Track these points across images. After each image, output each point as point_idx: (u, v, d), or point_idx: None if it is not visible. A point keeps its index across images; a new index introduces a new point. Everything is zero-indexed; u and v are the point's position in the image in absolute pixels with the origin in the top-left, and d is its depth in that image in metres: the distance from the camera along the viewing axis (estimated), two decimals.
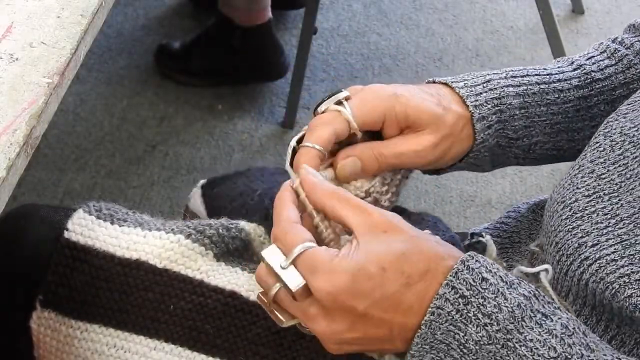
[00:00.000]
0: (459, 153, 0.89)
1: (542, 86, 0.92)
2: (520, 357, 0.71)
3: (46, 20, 0.90)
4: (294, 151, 0.83)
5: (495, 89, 0.90)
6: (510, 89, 0.91)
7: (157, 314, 0.86)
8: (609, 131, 0.85)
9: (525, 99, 0.91)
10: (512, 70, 0.93)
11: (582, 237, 0.79)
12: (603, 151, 0.83)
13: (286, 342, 0.85)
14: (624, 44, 0.97)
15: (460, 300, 0.72)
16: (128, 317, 0.87)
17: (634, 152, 0.81)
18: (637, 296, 0.74)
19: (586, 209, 0.80)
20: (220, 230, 0.90)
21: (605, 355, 0.72)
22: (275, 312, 0.76)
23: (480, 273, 0.73)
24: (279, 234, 0.76)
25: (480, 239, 0.93)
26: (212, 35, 2.37)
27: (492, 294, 0.72)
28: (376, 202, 0.86)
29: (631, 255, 0.76)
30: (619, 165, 0.82)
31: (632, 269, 0.75)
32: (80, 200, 0.94)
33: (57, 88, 0.84)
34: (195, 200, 1.07)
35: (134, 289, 0.87)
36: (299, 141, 0.84)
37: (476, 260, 0.73)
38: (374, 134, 0.87)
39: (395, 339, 0.74)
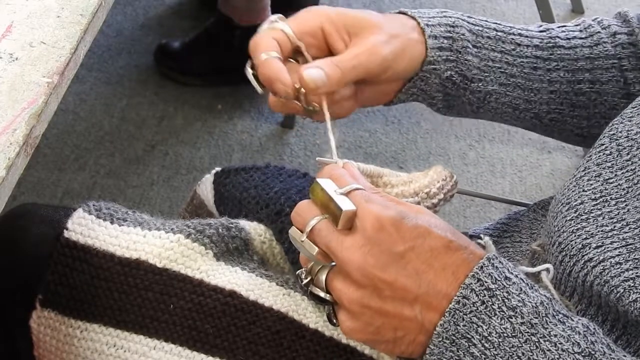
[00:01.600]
0: (414, 58, 0.89)
1: (499, 33, 0.94)
2: (544, 352, 0.71)
3: (46, 20, 0.90)
4: (255, 77, 0.85)
5: (450, 17, 0.92)
6: (465, 23, 0.92)
7: (157, 313, 0.86)
8: (614, 134, 0.85)
9: (479, 39, 0.92)
10: (471, 16, 0.95)
11: (586, 238, 0.79)
12: (610, 155, 0.83)
13: (286, 342, 0.85)
14: (601, 24, 0.99)
15: (485, 292, 0.72)
16: (128, 317, 0.87)
17: None
18: None
19: (592, 212, 0.80)
20: (220, 230, 0.90)
21: (625, 356, 0.72)
22: (308, 242, 0.76)
23: (503, 272, 0.74)
24: (337, 173, 0.78)
25: (479, 241, 0.93)
26: (212, 34, 2.37)
27: (516, 290, 0.73)
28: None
29: (636, 259, 0.76)
30: (627, 171, 0.82)
31: (636, 272, 0.75)
32: (80, 199, 0.94)
33: (56, 88, 0.84)
34: (206, 186, 1.07)
35: (134, 288, 0.87)
36: (252, 67, 0.86)
37: (500, 261, 0.75)
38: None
39: (419, 301, 0.74)
